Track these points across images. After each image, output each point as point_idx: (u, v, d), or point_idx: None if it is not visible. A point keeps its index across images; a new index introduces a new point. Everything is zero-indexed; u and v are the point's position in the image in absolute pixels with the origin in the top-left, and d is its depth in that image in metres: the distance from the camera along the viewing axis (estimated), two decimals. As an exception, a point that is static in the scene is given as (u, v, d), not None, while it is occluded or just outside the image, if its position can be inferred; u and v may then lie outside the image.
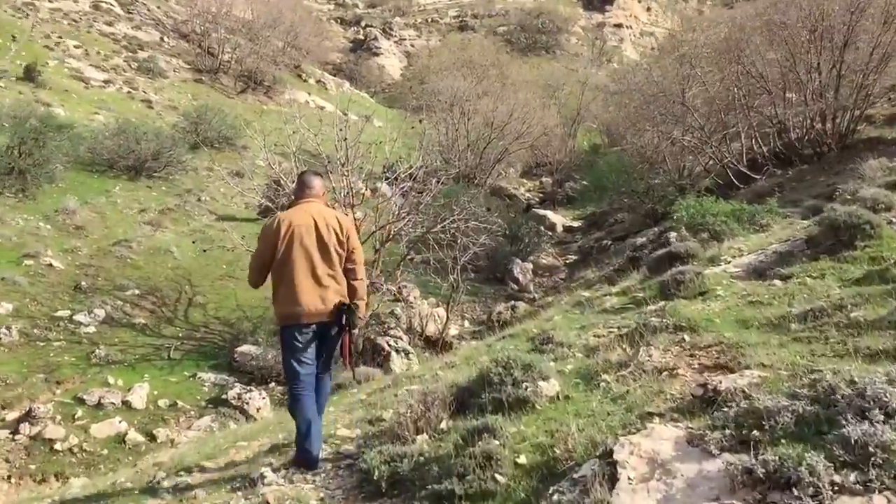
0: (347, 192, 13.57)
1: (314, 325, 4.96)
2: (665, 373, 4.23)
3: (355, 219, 13.38)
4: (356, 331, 5.34)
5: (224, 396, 11.38)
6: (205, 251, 15.22)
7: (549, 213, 28.46)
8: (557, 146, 34.31)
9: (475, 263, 15.19)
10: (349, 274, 5.09)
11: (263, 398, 11.42)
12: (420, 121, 27.48)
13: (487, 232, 15.19)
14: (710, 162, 21.15)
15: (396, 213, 13.97)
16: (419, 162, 15.00)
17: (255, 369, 12.33)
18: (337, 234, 5.02)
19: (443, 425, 4.26)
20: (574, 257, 22.76)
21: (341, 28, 64.09)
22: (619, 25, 67.59)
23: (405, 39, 63.62)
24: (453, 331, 15.30)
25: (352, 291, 5.07)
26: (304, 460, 4.90)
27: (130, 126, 22.36)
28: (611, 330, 5.66)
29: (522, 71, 42.90)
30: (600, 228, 25.90)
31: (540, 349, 5.36)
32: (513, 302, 15.96)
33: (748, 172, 18.62)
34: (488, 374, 4.31)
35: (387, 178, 16.59)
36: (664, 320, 4.99)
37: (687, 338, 4.72)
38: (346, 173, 13.34)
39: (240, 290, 15.70)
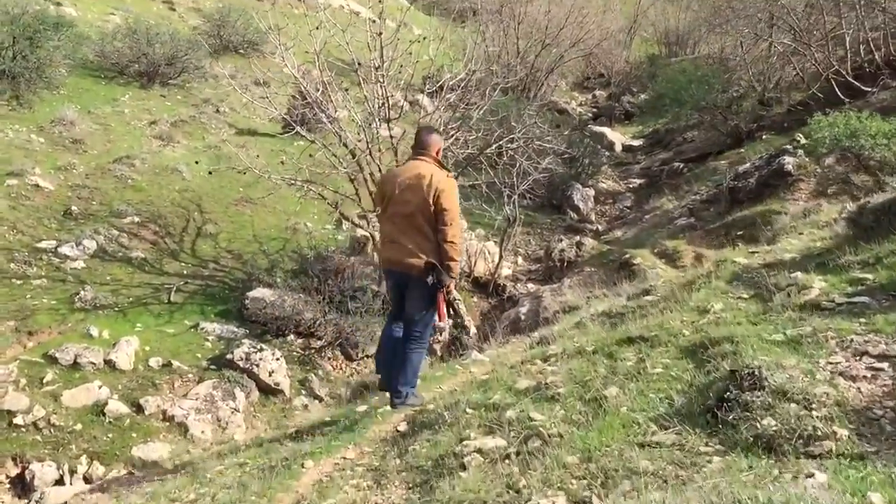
0: (382, 104, 11.11)
1: (394, 274, 5.34)
2: None
3: (391, 136, 10.98)
4: (451, 290, 5.76)
5: (230, 356, 9.27)
6: (210, 173, 12.96)
7: (607, 131, 25.58)
8: (617, 55, 31.06)
9: (534, 192, 12.74)
10: (438, 234, 5.13)
11: (277, 359, 9.30)
12: (473, 16, 24.38)
13: (553, 154, 12.68)
14: (797, 73, 18.14)
15: (442, 129, 11.49)
16: (467, 69, 12.42)
17: (270, 319, 10.20)
18: (424, 193, 5.12)
19: None
20: (638, 181, 20.06)
21: (380, -72, 59.98)
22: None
23: (447, -59, 59.41)
24: (506, 270, 13.00)
25: (441, 252, 5.12)
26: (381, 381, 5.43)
27: (143, 27, 19.90)
28: (871, 363, 3.17)
29: (578, -30, 39.05)
30: (666, 148, 23.03)
31: (741, 402, 2.94)
32: (577, 237, 13.54)
33: (856, 83, 15.66)
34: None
35: (429, 91, 14.00)
36: None
37: None
38: (380, 79, 10.85)
39: (258, 218, 13.54)
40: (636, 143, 25.65)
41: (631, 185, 19.69)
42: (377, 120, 11.35)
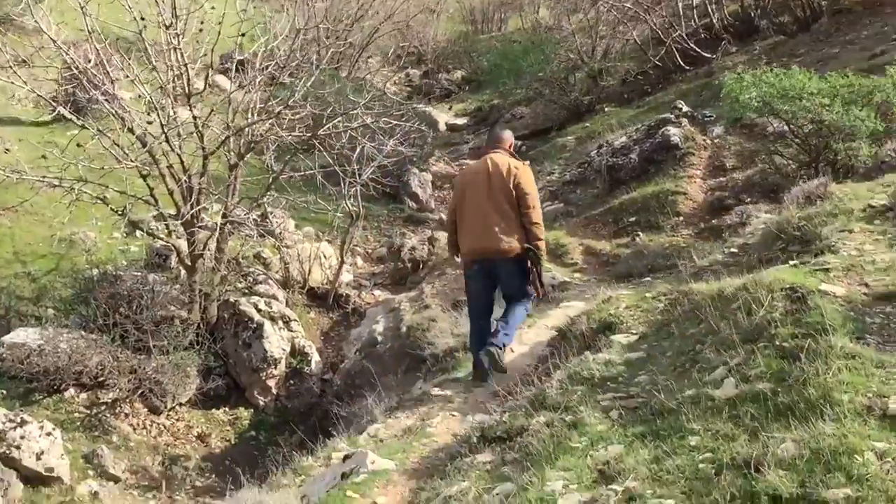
0: (179, 75, 8.57)
1: (483, 263, 5.67)
2: None
3: (195, 117, 8.48)
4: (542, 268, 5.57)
5: (-25, 437, 6.49)
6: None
7: (431, 109, 23.87)
8: (430, 31, 29.62)
9: (378, 180, 10.67)
10: (523, 218, 5.51)
11: (49, 433, 6.60)
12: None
13: (402, 133, 10.72)
14: (628, 40, 17.40)
15: (259, 108, 9.09)
16: (286, 38, 10.05)
17: (38, 372, 7.44)
18: (503, 180, 5.49)
19: None
20: (470, 162, 18.49)
21: None
22: None
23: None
24: (346, 276, 10.88)
25: (527, 234, 5.50)
26: (476, 369, 5.70)
27: None
28: None
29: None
30: (494, 125, 21.74)
31: None
32: (428, 232, 11.64)
33: (697, 49, 14.91)
34: None
35: (235, 66, 11.38)
36: None
37: None
38: (173, 42, 8.31)
39: (19, 229, 10.52)
40: (460, 121, 24.18)
41: (464, 167, 18.09)
42: (171, 98, 8.81)
